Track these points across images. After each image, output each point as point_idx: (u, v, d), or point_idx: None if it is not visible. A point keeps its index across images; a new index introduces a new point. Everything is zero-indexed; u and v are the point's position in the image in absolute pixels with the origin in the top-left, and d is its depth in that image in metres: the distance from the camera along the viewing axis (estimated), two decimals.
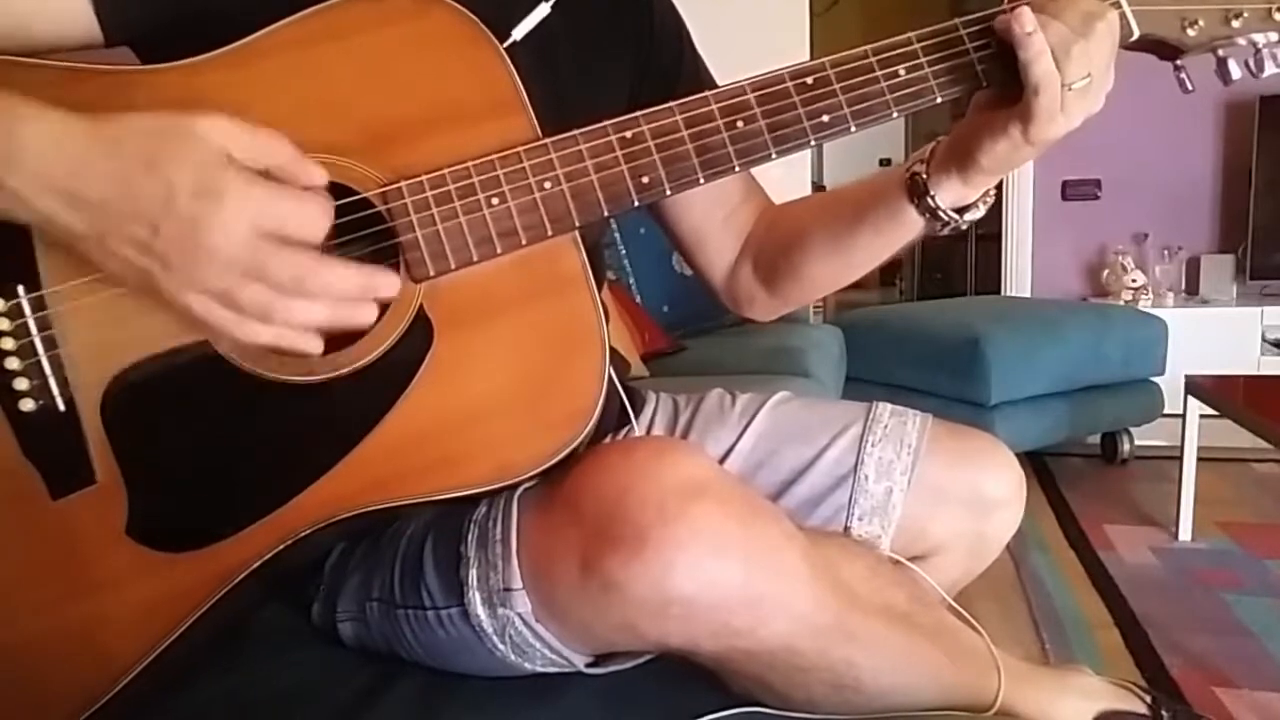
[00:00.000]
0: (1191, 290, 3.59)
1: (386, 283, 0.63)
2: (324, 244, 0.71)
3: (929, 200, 0.80)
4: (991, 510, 0.90)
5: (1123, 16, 0.72)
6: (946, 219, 0.81)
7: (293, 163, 0.61)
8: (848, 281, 0.94)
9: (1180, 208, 3.63)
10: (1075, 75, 0.69)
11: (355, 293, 0.62)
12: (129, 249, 0.59)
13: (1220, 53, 0.77)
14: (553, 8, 0.81)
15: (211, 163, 0.58)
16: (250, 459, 0.63)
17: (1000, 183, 0.79)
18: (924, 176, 0.80)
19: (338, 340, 0.70)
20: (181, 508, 0.68)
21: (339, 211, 0.68)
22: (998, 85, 0.74)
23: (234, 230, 0.58)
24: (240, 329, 0.61)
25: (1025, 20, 0.69)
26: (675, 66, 0.95)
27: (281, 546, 0.68)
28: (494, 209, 0.69)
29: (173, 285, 0.59)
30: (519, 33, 0.78)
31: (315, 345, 0.63)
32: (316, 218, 0.61)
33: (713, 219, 0.97)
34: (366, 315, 0.64)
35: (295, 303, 0.60)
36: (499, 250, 0.69)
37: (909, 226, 0.83)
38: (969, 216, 0.82)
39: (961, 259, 5.36)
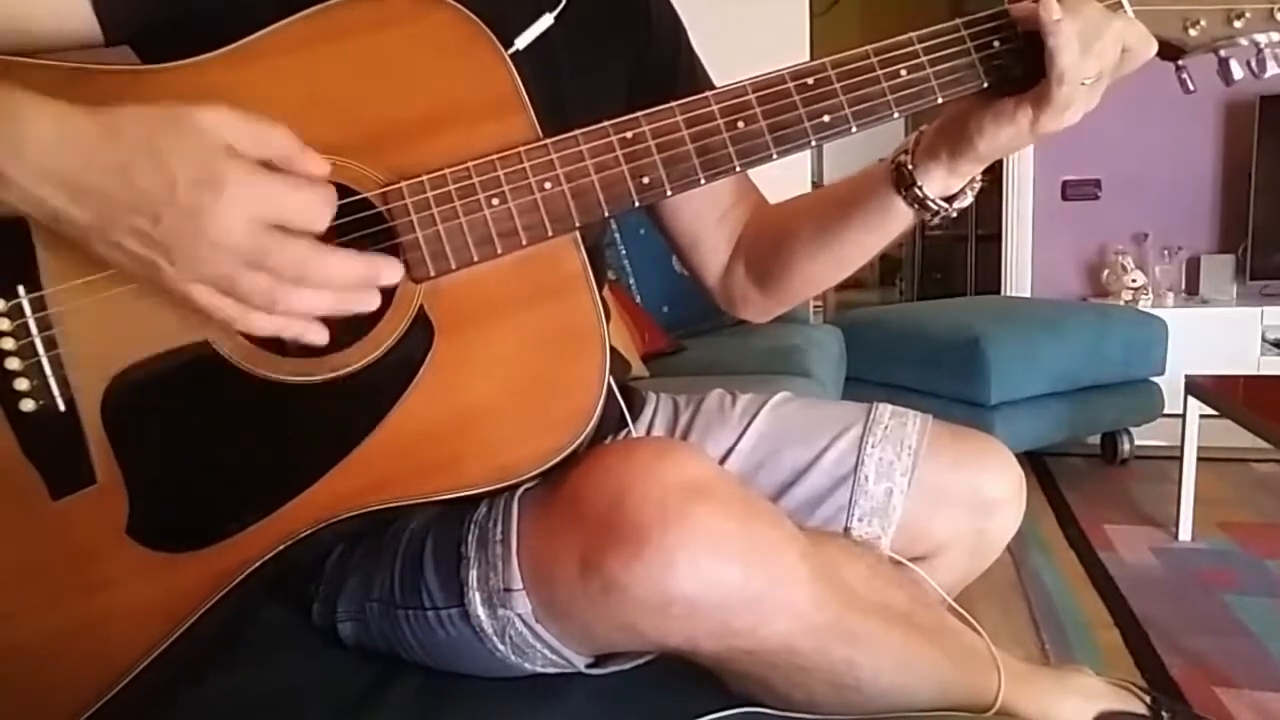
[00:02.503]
0: (1191, 290, 3.59)
1: (389, 270, 0.64)
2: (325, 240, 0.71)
3: (916, 190, 0.80)
4: (992, 511, 0.90)
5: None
6: (935, 208, 0.81)
7: (294, 153, 0.61)
8: (839, 279, 0.94)
9: (1180, 208, 3.63)
10: (1089, 71, 0.69)
11: (357, 280, 0.63)
12: (131, 239, 0.59)
13: (1222, 53, 0.77)
14: (555, 18, 0.81)
15: (212, 153, 0.58)
16: (251, 460, 0.63)
17: (1000, 181, 0.80)
18: (910, 167, 0.80)
19: (339, 341, 0.70)
20: (182, 508, 0.68)
21: (339, 212, 0.68)
22: (999, 85, 0.74)
23: (235, 220, 0.58)
24: (244, 319, 0.61)
25: (1053, 7, 0.69)
26: (671, 66, 0.95)
27: (282, 547, 0.68)
28: (494, 209, 0.69)
29: (175, 275, 0.59)
30: (522, 42, 0.78)
31: (320, 335, 0.63)
32: (317, 206, 0.61)
33: (706, 220, 0.97)
34: (369, 302, 0.64)
35: (298, 291, 0.60)
36: (499, 250, 0.69)
37: (898, 219, 0.84)
38: (957, 205, 0.82)
39: (961, 259, 5.36)
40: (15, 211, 0.59)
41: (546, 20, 0.80)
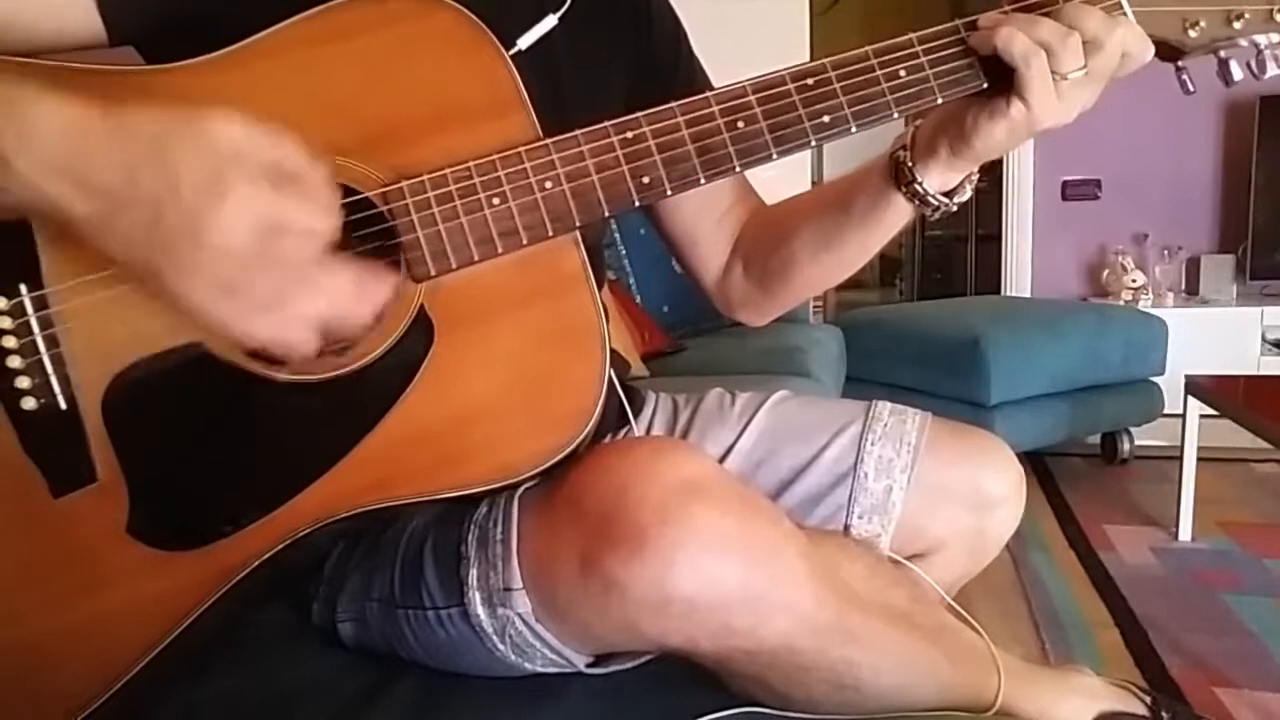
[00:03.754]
0: (1191, 290, 3.59)
1: (384, 286, 0.63)
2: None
3: (917, 187, 0.80)
4: (991, 508, 0.91)
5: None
6: (936, 203, 0.81)
7: (301, 162, 0.61)
8: (840, 279, 0.94)
9: (1180, 208, 3.63)
10: (1069, 66, 0.70)
11: (352, 291, 0.62)
12: (132, 237, 0.58)
13: (1222, 54, 0.77)
14: (559, 19, 0.81)
15: (219, 158, 0.58)
16: (251, 458, 0.63)
17: (1000, 181, 0.80)
18: (909, 164, 0.80)
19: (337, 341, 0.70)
20: (182, 506, 0.68)
21: (341, 211, 0.68)
22: (998, 86, 0.74)
23: (237, 224, 0.57)
24: (240, 323, 0.60)
25: (984, 25, 0.72)
26: (672, 67, 0.95)
27: (282, 545, 0.68)
28: (495, 208, 0.69)
29: (173, 274, 0.59)
30: (524, 42, 0.78)
31: (310, 346, 0.62)
32: (320, 214, 0.60)
33: (705, 221, 0.97)
34: (364, 315, 0.63)
35: (296, 296, 0.60)
36: (500, 250, 0.69)
37: (898, 215, 0.83)
38: (958, 199, 0.81)
39: (961, 259, 5.36)
40: (17, 205, 0.59)
41: (550, 21, 0.81)
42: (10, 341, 0.64)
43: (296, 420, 0.68)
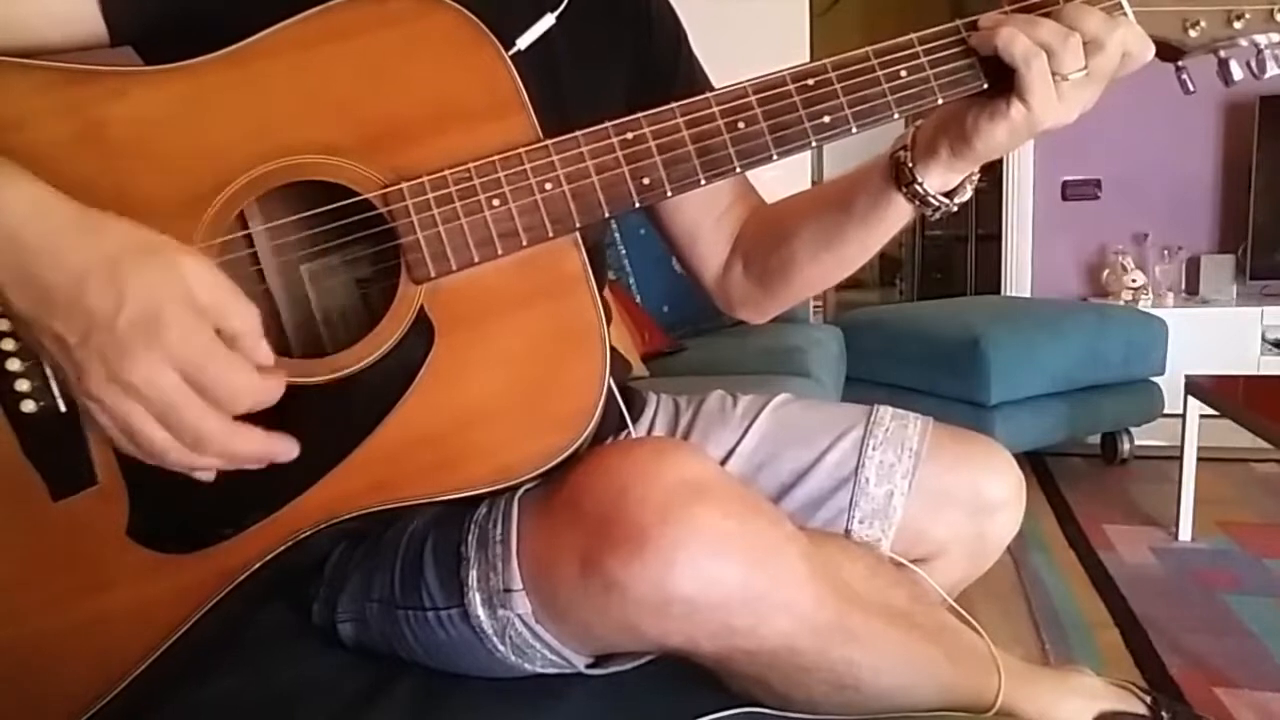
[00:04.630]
0: (1191, 290, 3.59)
1: (285, 451, 0.64)
2: (325, 246, 0.71)
3: (917, 187, 0.79)
4: (992, 513, 0.90)
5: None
6: (936, 204, 0.80)
7: (249, 336, 0.60)
8: (840, 278, 0.94)
9: (1180, 208, 3.63)
10: (1070, 67, 0.70)
11: (252, 458, 0.63)
12: (54, 343, 0.59)
13: (1222, 54, 0.77)
14: (557, 19, 0.81)
15: (170, 295, 0.57)
16: None
17: (1000, 181, 0.79)
18: (910, 165, 0.80)
19: (339, 342, 0.70)
20: (182, 509, 0.68)
21: (341, 212, 0.68)
22: (999, 86, 0.74)
23: (157, 370, 0.57)
24: (127, 449, 0.61)
25: (984, 26, 0.72)
26: (671, 67, 0.95)
27: (282, 548, 0.68)
28: (495, 210, 0.69)
29: (80, 389, 0.59)
30: (523, 42, 0.78)
31: (206, 477, 0.63)
32: (242, 391, 0.60)
33: (705, 220, 0.97)
34: (254, 464, 0.63)
35: (189, 455, 0.61)
36: (500, 251, 0.69)
37: (898, 214, 0.83)
38: (958, 200, 0.81)
39: (961, 259, 5.36)
40: None
41: (548, 20, 0.81)
42: (9, 344, 0.64)
43: (297, 422, 0.68)
